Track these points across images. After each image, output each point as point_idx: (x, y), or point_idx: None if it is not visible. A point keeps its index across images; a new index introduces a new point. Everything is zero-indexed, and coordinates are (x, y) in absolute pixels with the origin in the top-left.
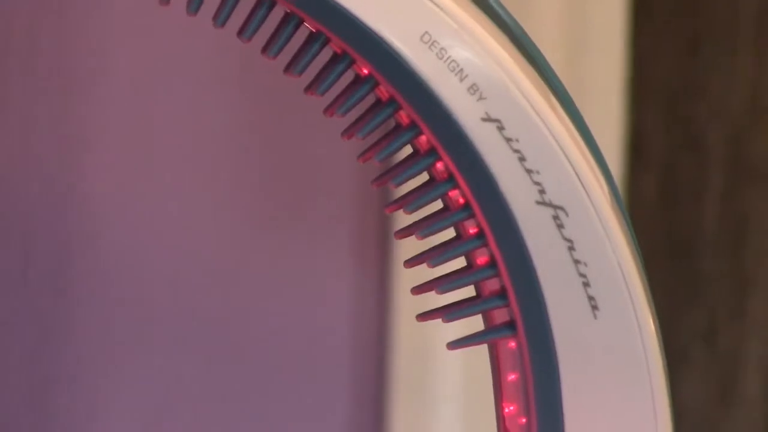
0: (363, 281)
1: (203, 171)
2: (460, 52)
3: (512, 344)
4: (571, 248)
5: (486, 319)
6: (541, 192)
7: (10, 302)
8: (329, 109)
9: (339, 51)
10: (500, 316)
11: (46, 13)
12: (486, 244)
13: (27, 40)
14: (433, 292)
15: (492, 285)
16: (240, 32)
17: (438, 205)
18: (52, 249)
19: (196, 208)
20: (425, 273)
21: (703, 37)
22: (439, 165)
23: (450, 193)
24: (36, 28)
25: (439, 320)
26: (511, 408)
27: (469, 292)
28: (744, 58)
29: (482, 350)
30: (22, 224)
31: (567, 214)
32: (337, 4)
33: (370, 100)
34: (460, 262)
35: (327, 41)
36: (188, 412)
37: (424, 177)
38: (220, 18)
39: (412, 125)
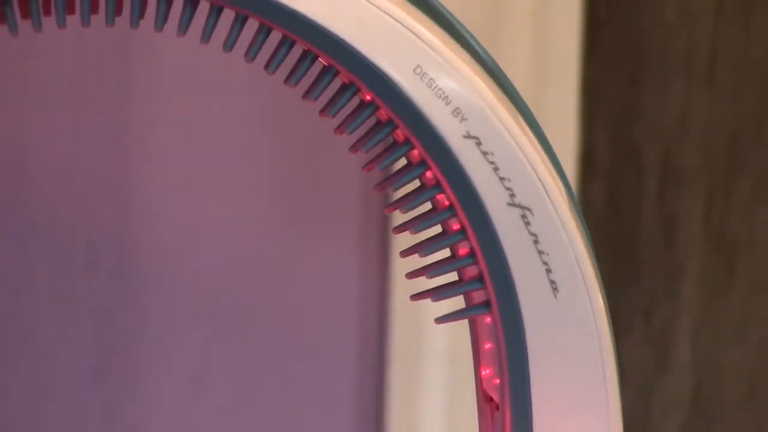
0: (367, 268)
1: (239, 179)
2: (445, 82)
3: (488, 319)
4: (536, 241)
5: (466, 299)
6: (512, 195)
7: (80, 286)
8: (339, 129)
9: (347, 81)
10: (478, 296)
11: (112, 49)
12: (466, 238)
13: (95, 67)
14: (424, 277)
15: (471, 271)
16: (267, 65)
17: (427, 206)
18: (114, 241)
19: (233, 209)
20: (417, 261)
21: (641, 70)
22: (429, 174)
23: (437, 197)
24: (103, 59)
25: (429, 300)
26: (487, 371)
27: (452, 277)
28: (674, 87)
29: (464, 324)
30: (88, 221)
31: (532, 214)
32: (347, 43)
33: (372, 121)
34: (445, 253)
35: (337, 73)
36: (225, 373)
37: (416, 183)
38: (251, 54)
39: (407, 141)
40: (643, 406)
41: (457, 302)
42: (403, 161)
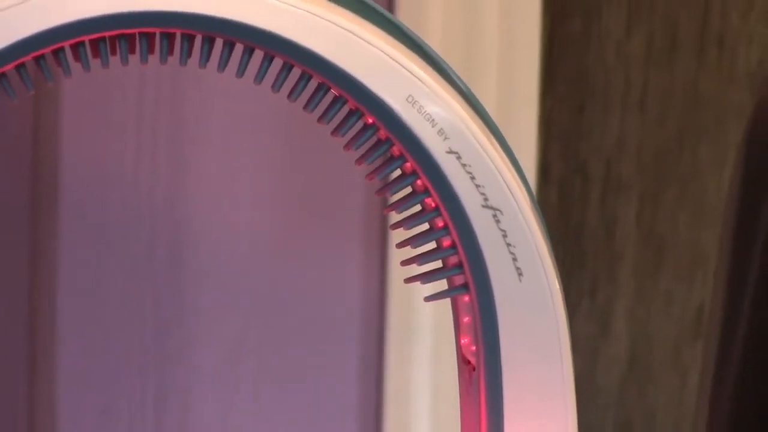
0: (370, 257)
1: (264, 185)
2: (432, 108)
3: (466, 298)
4: (504, 236)
5: (449, 282)
6: (485, 199)
7: (138, 273)
8: (347, 146)
9: (353, 108)
10: (458, 280)
11: (165, 77)
12: (449, 233)
13: (152, 91)
14: (415, 265)
15: (453, 260)
16: (289, 95)
17: (418, 208)
18: (167, 237)
19: (259, 209)
20: (410, 252)
21: (587, 101)
22: (419, 182)
23: (425, 200)
24: (160, 87)
25: (419, 282)
26: (466, 340)
27: (438, 264)
28: (613, 114)
29: (447, 302)
30: (147, 219)
31: (502, 214)
32: (354, 78)
33: (373, 140)
34: (432, 245)
35: (345, 101)
36: (257, 344)
37: (408, 190)
38: (276, 86)
39: (401, 156)
40: (590, 366)
41: (441, 284)
42: (398, 172)
